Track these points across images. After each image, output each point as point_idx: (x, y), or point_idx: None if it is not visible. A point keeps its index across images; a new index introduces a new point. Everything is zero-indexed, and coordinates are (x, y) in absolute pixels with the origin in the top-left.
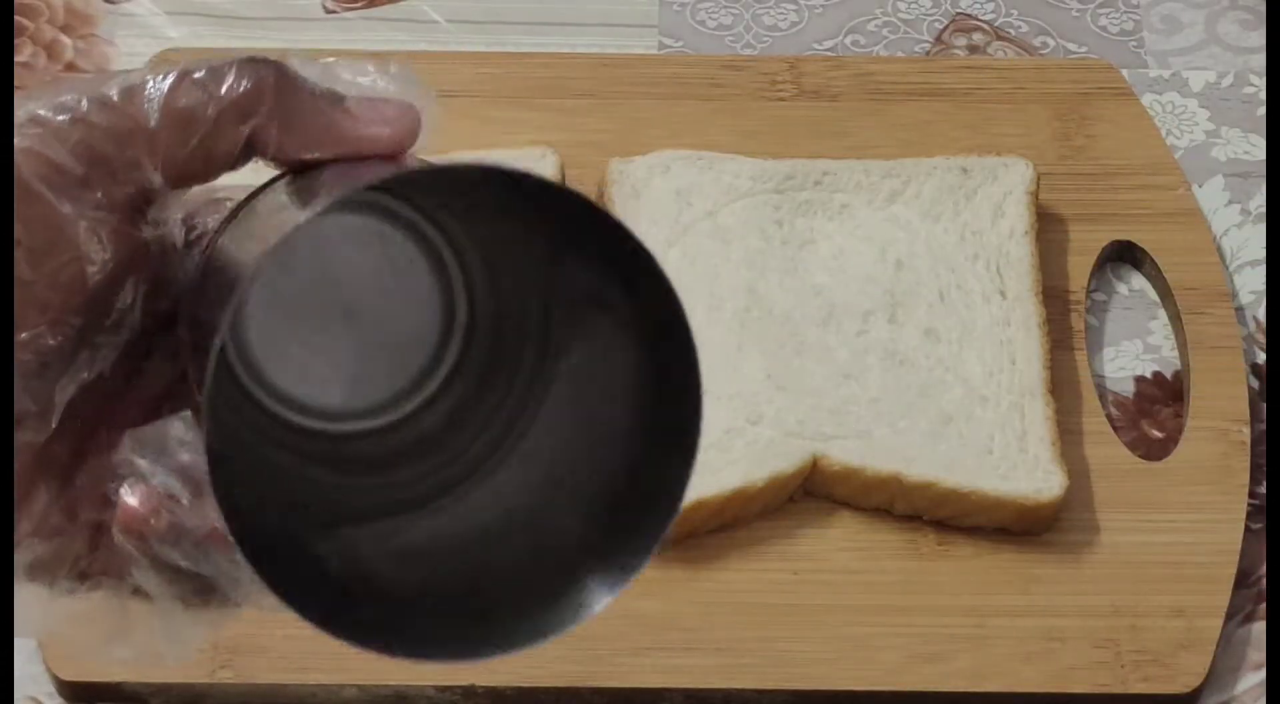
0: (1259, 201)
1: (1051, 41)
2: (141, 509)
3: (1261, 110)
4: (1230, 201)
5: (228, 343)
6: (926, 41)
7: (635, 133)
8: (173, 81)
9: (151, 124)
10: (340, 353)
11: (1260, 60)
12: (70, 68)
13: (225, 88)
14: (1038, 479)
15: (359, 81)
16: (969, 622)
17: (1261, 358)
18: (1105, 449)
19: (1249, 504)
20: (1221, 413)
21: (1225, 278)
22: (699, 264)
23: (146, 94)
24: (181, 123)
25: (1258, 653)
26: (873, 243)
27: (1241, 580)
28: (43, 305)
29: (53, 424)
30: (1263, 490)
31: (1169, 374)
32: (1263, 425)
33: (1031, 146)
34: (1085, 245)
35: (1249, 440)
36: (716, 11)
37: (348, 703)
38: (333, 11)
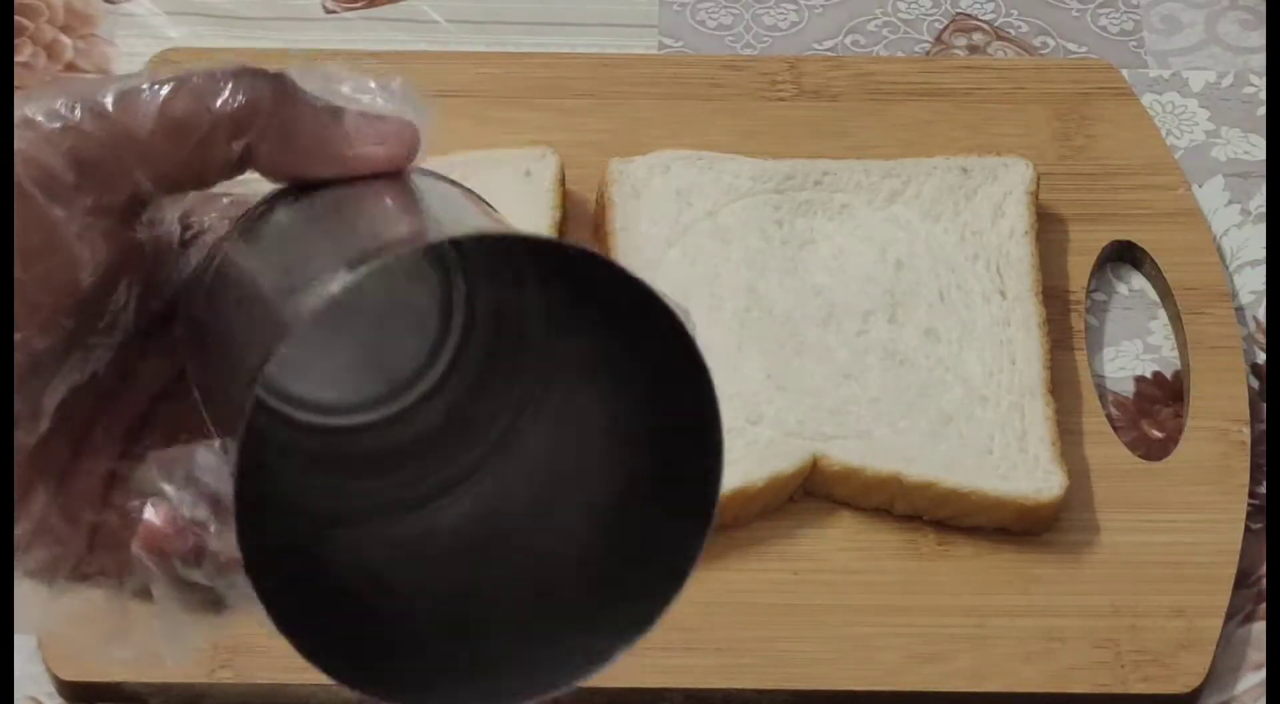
0: (1259, 201)
1: (1051, 41)
2: (166, 529)
3: (1261, 110)
4: (1230, 201)
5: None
6: (926, 41)
7: (635, 133)
8: (168, 91)
9: (144, 134)
10: (337, 345)
11: (1260, 60)
12: (70, 68)
13: (220, 101)
14: (1038, 479)
15: (360, 98)
16: (969, 622)
17: (1261, 358)
18: (1105, 449)
19: (1249, 504)
20: (1221, 413)
21: (1225, 278)
22: (699, 264)
23: (141, 102)
24: (175, 134)
25: (1258, 653)
26: (873, 243)
27: (1241, 580)
28: (33, 307)
29: (43, 426)
30: (1263, 490)
31: (1169, 374)
32: (1263, 425)
33: (1031, 146)
34: (1085, 245)
35: (1249, 440)
36: (716, 11)
37: (348, 703)
38: (333, 11)
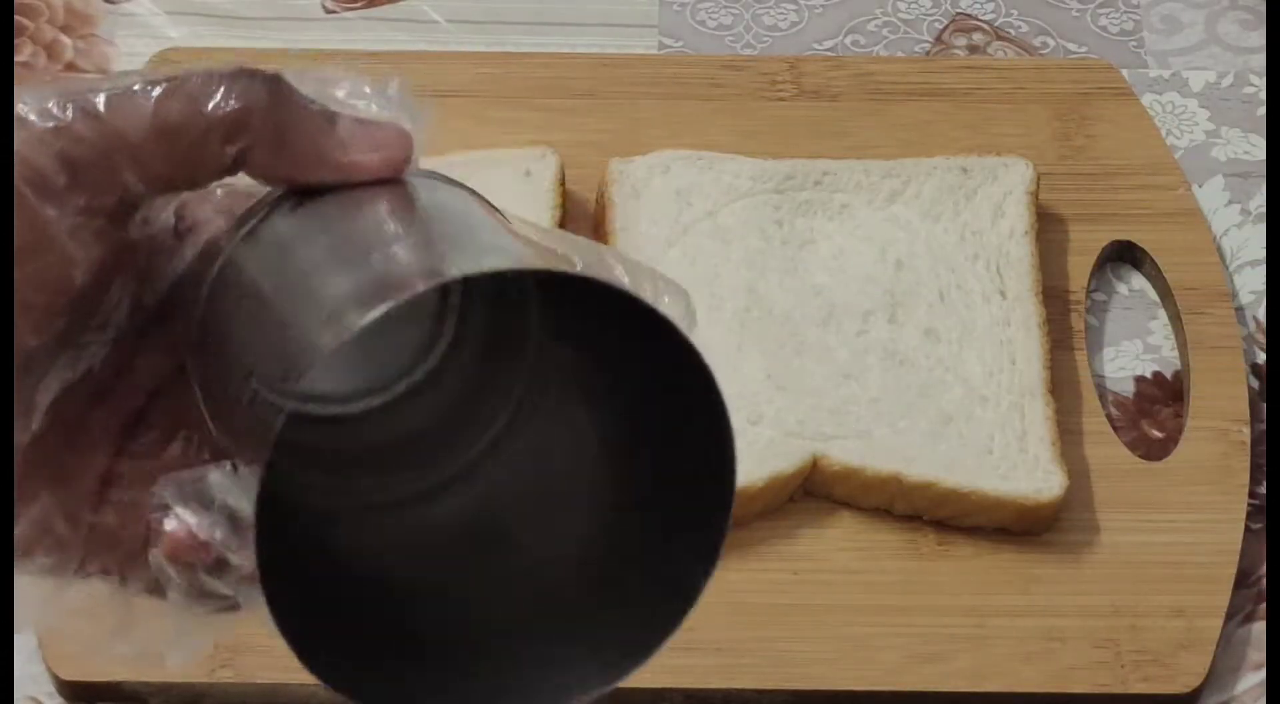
0: (1259, 201)
1: (1051, 41)
2: (190, 541)
3: (1261, 110)
4: (1230, 201)
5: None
6: (926, 41)
7: (635, 133)
8: (161, 93)
9: (136, 137)
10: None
11: (1260, 60)
12: (70, 68)
13: (213, 104)
14: (1038, 479)
15: (355, 103)
16: (969, 622)
17: (1261, 358)
18: (1105, 449)
19: (1249, 504)
20: (1221, 413)
21: (1225, 278)
22: (699, 264)
23: (134, 105)
24: (167, 137)
25: (1258, 653)
26: (873, 243)
27: (1241, 580)
28: (26, 306)
29: (36, 423)
30: (1263, 490)
31: (1169, 374)
32: (1263, 425)
33: (1031, 146)
34: (1085, 245)
35: (1249, 440)
36: (716, 11)
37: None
38: (333, 11)
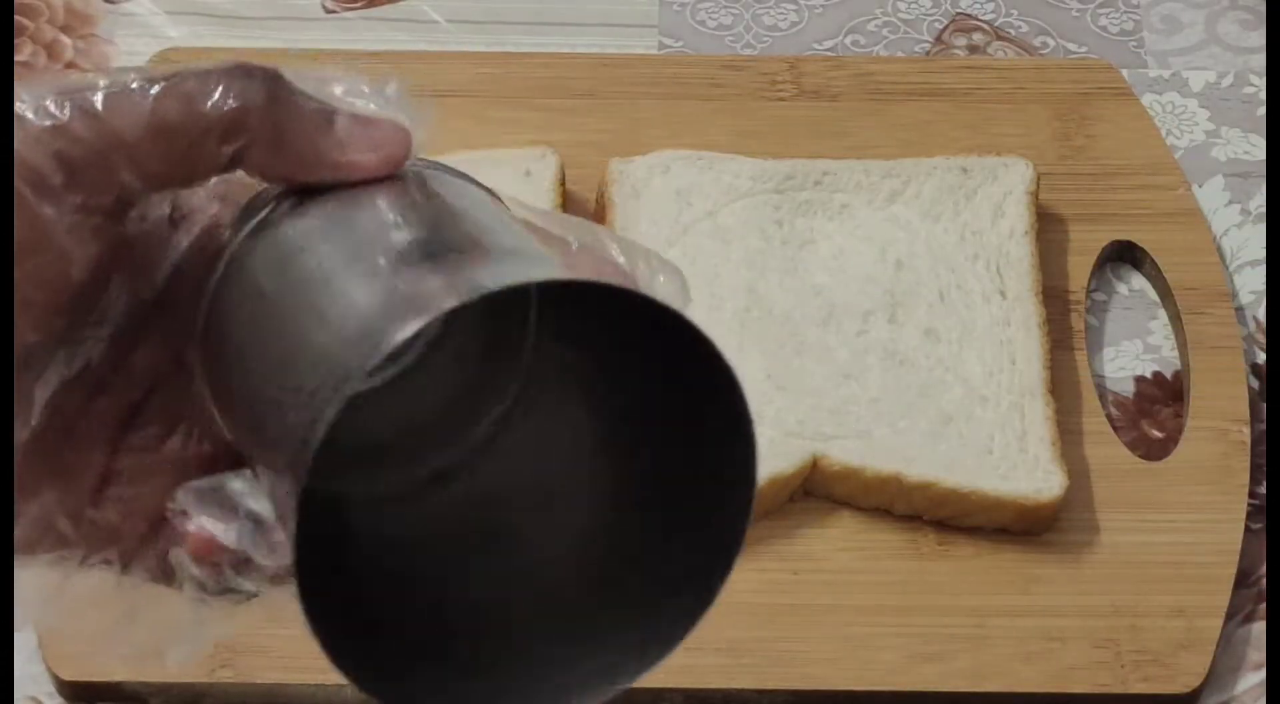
0: (1259, 201)
1: (1051, 41)
2: (217, 543)
3: (1261, 110)
4: (1230, 201)
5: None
6: (926, 41)
7: (635, 133)
8: (158, 92)
9: (132, 137)
10: None
11: (1260, 60)
12: (70, 68)
13: (210, 104)
14: (1038, 479)
15: (354, 102)
16: (969, 622)
17: (1261, 358)
18: (1105, 449)
19: (1249, 504)
20: (1221, 413)
21: (1225, 278)
22: (699, 264)
23: (131, 104)
24: (163, 137)
25: (1258, 653)
26: (873, 243)
27: (1241, 580)
28: (25, 304)
29: (35, 420)
30: (1263, 490)
31: (1169, 374)
32: (1263, 425)
33: (1031, 146)
34: (1085, 245)
35: (1249, 440)
36: (716, 11)
37: (348, 703)
38: (333, 11)
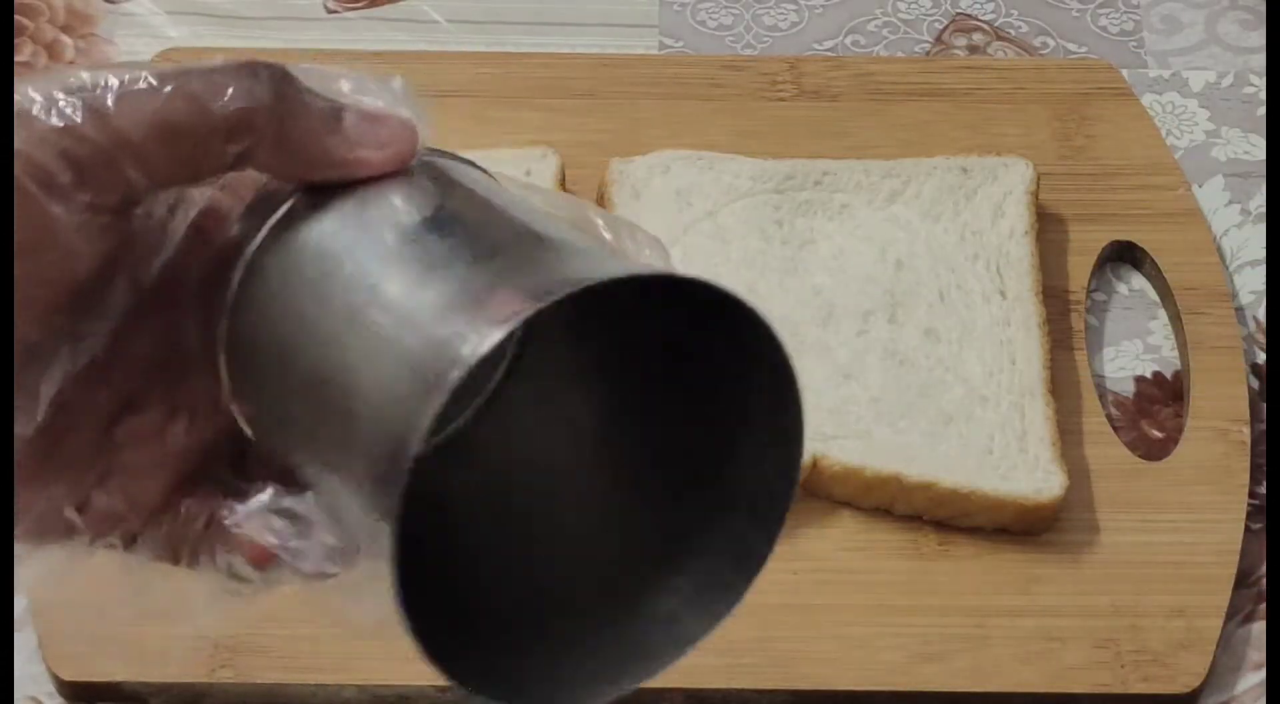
0: (1259, 201)
1: (1051, 41)
2: (270, 549)
3: (1261, 110)
4: (1230, 201)
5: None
6: (926, 41)
7: (635, 133)
8: (168, 92)
9: (139, 137)
10: None
11: (1260, 60)
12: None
13: (218, 105)
14: (1038, 479)
15: (360, 98)
16: (969, 622)
17: (1261, 358)
18: (1105, 449)
19: (1249, 504)
20: (1221, 413)
21: (1225, 278)
22: (699, 264)
23: (138, 104)
24: (170, 138)
25: (1258, 653)
26: (873, 243)
27: (1241, 580)
28: (30, 301)
29: (40, 415)
30: (1263, 490)
31: (1169, 374)
32: (1263, 425)
33: (1031, 146)
34: (1085, 245)
35: (1249, 440)
36: (716, 11)
37: (348, 703)
38: (334, 11)
